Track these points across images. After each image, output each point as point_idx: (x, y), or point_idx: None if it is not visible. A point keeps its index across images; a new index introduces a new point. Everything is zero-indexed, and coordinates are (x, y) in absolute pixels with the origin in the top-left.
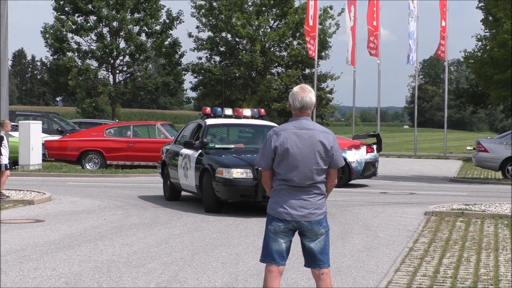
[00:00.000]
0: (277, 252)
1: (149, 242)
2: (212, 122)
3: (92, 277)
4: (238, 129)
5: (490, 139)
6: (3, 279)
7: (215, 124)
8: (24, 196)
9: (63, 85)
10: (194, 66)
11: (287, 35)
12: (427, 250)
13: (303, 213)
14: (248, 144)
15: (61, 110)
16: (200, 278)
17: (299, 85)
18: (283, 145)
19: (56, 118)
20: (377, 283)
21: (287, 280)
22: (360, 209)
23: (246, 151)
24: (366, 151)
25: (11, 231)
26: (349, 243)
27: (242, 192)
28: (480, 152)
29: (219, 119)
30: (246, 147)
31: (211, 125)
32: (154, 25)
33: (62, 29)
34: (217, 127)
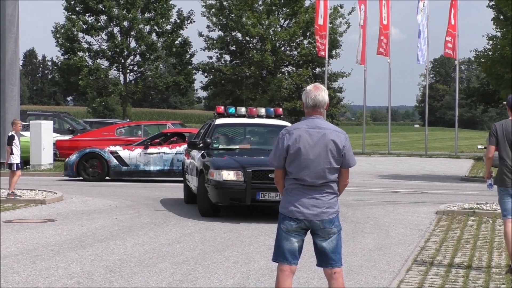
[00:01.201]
0: (290, 251)
1: (160, 241)
2: (221, 121)
3: (104, 277)
4: (248, 129)
5: None
6: (15, 279)
7: (223, 123)
8: (36, 195)
9: (74, 85)
10: (204, 66)
11: (298, 34)
12: (438, 249)
13: (315, 212)
14: (256, 145)
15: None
16: (212, 277)
17: (313, 84)
18: (296, 144)
19: (67, 117)
20: (389, 282)
21: (299, 279)
22: (371, 209)
23: (252, 152)
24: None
25: (23, 230)
26: (361, 242)
27: (231, 195)
28: None
29: (229, 119)
30: (252, 148)
31: (219, 124)
32: (164, 24)
33: (73, 29)
34: (226, 126)
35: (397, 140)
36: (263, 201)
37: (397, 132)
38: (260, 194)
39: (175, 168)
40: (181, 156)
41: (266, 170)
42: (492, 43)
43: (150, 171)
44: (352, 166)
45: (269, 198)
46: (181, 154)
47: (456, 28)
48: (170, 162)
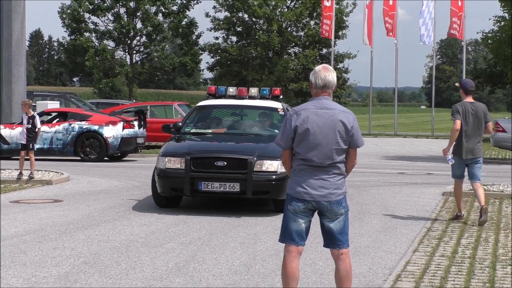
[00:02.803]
0: (297, 232)
1: (167, 222)
2: (204, 103)
3: (110, 257)
4: (230, 111)
5: (508, 119)
6: (22, 259)
7: (205, 105)
8: (43, 176)
9: (80, 66)
10: (210, 47)
11: (304, 15)
12: (445, 231)
13: (323, 193)
14: (234, 129)
15: (78, 90)
16: (218, 258)
17: (321, 65)
18: (304, 125)
19: (74, 98)
20: (395, 263)
21: (305, 260)
22: (377, 190)
23: (224, 137)
24: (123, 127)
25: (30, 211)
26: (367, 223)
27: (171, 185)
28: (498, 133)
29: (212, 100)
30: (228, 132)
31: (200, 106)
32: (171, 5)
33: (79, 9)
34: (208, 108)
35: (404, 121)
36: (206, 191)
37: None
38: (203, 184)
39: (54, 147)
40: (60, 135)
41: (210, 157)
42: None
43: None
44: (360, 147)
45: (212, 189)
46: (60, 133)
47: (463, 9)
48: (49, 140)
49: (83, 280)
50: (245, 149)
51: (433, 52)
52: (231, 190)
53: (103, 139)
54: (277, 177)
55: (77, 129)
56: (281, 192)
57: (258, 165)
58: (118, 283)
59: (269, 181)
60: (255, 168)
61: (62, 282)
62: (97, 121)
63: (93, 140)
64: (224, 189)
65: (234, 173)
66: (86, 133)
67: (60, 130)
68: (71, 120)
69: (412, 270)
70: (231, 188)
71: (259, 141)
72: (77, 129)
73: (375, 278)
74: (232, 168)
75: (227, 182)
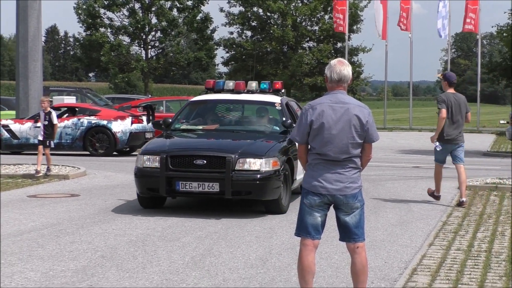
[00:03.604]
0: (312, 226)
1: (183, 216)
2: (198, 98)
3: (127, 251)
4: (225, 107)
5: None
6: (40, 252)
7: (198, 100)
8: (59, 171)
9: (96, 61)
10: (225, 41)
11: (319, 9)
12: (460, 224)
13: (338, 187)
14: (228, 125)
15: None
16: (234, 251)
17: (336, 59)
18: (319, 119)
19: (90, 93)
20: (411, 257)
21: (321, 254)
22: (393, 183)
23: (215, 134)
24: (131, 122)
25: (47, 205)
26: (383, 217)
27: (148, 185)
28: None
29: (207, 95)
30: (220, 129)
31: (194, 101)
32: (185, 0)
33: (94, 5)
34: (202, 103)
35: (419, 115)
36: (184, 192)
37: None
38: (180, 184)
39: (63, 142)
40: (69, 130)
41: (188, 155)
42: None
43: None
44: (375, 141)
45: (190, 189)
46: (69, 127)
47: (478, 2)
48: (58, 135)
49: (100, 274)
50: (227, 146)
51: (448, 45)
52: (210, 190)
53: (112, 134)
54: (261, 176)
55: (86, 124)
56: (265, 192)
57: (239, 164)
58: (135, 277)
59: (251, 180)
60: (237, 166)
61: (79, 275)
62: (105, 116)
63: (101, 135)
64: (203, 189)
65: (213, 172)
66: (95, 128)
67: (69, 125)
68: (80, 115)
69: (428, 264)
70: (210, 188)
71: (251, 137)
72: (86, 124)
73: (390, 271)
74: (211, 167)
75: (206, 182)
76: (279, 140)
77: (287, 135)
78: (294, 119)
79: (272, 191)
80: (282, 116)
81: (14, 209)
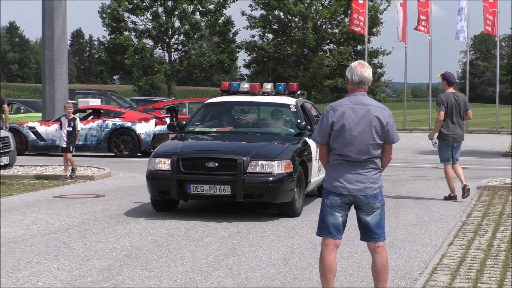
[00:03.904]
0: (334, 226)
1: (206, 216)
2: (212, 100)
3: (152, 250)
4: (239, 109)
5: None
6: (67, 252)
7: (213, 102)
8: (85, 172)
9: (120, 64)
10: (247, 44)
11: (339, 12)
12: (480, 224)
13: (359, 187)
14: (242, 127)
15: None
16: (257, 251)
17: (357, 61)
18: (340, 121)
19: (114, 96)
20: (431, 256)
21: (342, 253)
22: (413, 184)
23: (229, 136)
24: (155, 124)
25: (73, 205)
26: (403, 217)
27: (159, 188)
28: None
29: (221, 97)
30: (234, 131)
31: (208, 103)
32: (208, 4)
33: (118, 9)
34: (216, 106)
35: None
36: (195, 195)
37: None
38: (192, 187)
39: (88, 143)
40: (94, 132)
41: (200, 158)
42: None
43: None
44: (395, 142)
45: (202, 192)
46: (94, 129)
47: (496, 4)
48: (84, 137)
49: (125, 273)
50: (239, 149)
51: (467, 47)
52: (221, 193)
53: (136, 135)
54: (273, 179)
55: (110, 126)
56: (277, 195)
57: (252, 166)
58: (159, 276)
59: (263, 183)
60: (249, 169)
61: (105, 274)
62: (130, 118)
63: (126, 137)
64: (214, 192)
65: (225, 175)
66: (119, 129)
67: (94, 127)
68: (105, 117)
69: (448, 263)
70: (221, 191)
71: (265, 140)
72: (111, 125)
73: (411, 271)
74: (223, 170)
75: (218, 185)
76: (293, 142)
77: (302, 137)
78: (310, 121)
79: (285, 193)
80: (297, 118)
81: (41, 209)
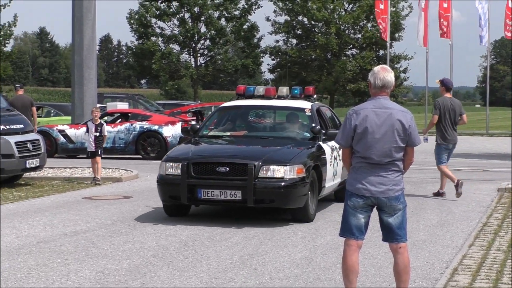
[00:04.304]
0: (356, 227)
1: (231, 217)
2: (226, 104)
3: (178, 250)
4: (254, 113)
5: None
6: (95, 252)
7: (227, 106)
8: (113, 174)
9: (147, 68)
10: (271, 49)
11: (361, 18)
12: (500, 225)
13: (381, 189)
14: (256, 131)
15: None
16: (280, 251)
17: (379, 65)
18: (363, 124)
19: (141, 99)
20: (452, 257)
21: (364, 254)
22: (433, 186)
23: (242, 140)
24: (181, 127)
25: (101, 206)
26: (424, 218)
27: (170, 192)
28: None
29: (236, 101)
30: (248, 135)
31: (223, 107)
32: (233, 10)
33: (146, 15)
34: (231, 109)
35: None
36: (206, 200)
37: None
38: (202, 192)
39: (116, 146)
40: (122, 135)
41: (210, 162)
42: None
43: None
44: (417, 145)
45: (212, 197)
46: (122, 132)
47: None
48: (112, 140)
49: (152, 273)
50: (251, 153)
51: (487, 52)
52: (232, 198)
53: (163, 138)
54: (285, 184)
55: (138, 129)
56: (289, 200)
57: (263, 171)
58: (185, 275)
59: (275, 188)
60: (260, 174)
61: (132, 274)
62: (157, 121)
63: (153, 139)
64: (225, 197)
65: (236, 180)
66: (146, 132)
67: (122, 130)
68: (132, 120)
69: (469, 263)
70: (232, 196)
71: (278, 144)
72: (138, 128)
73: (432, 271)
74: (234, 174)
75: (228, 190)
76: (307, 147)
77: (316, 141)
78: (326, 125)
79: (297, 199)
80: (312, 122)
81: (70, 210)
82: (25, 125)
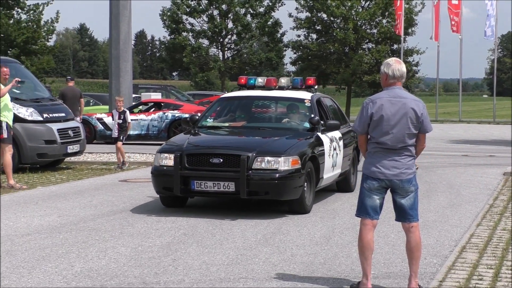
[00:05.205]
0: (371, 208)
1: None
2: (226, 95)
3: (206, 229)
4: (254, 103)
5: None
6: (130, 230)
7: (228, 97)
8: (147, 158)
9: (179, 61)
10: (293, 43)
11: (377, 14)
12: (506, 207)
13: (395, 172)
14: (255, 122)
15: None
16: (301, 230)
17: (392, 58)
18: (379, 112)
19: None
20: (461, 236)
21: (379, 232)
22: (443, 170)
23: (240, 131)
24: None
25: (136, 189)
26: (434, 200)
27: (163, 184)
28: None
29: (236, 92)
30: (246, 126)
31: (223, 98)
32: (258, 7)
33: (178, 12)
34: (231, 100)
35: (467, 109)
36: (199, 191)
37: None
38: (195, 183)
39: (150, 133)
40: (156, 122)
41: (204, 154)
42: None
43: (130, 135)
44: (429, 132)
45: (206, 189)
46: (156, 120)
47: None
48: (146, 127)
49: (183, 250)
50: (245, 144)
51: (495, 46)
52: (225, 190)
53: None
54: (280, 175)
55: (170, 117)
56: (283, 192)
57: (257, 162)
58: (213, 252)
59: (269, 180)
60: (254, 165)
61: (164, 250)
62: (187, 110)
63: (184, 127)
64: (218, 188)
65: (229, 171)
66: (178, 120)
67: (155, 118)
68: (165, 109)
69: (476, 242)
70: (225, 187)
71: (276, 135)
72: (170, 117)
73: (442, 249)
74: (228, 166)
75: (222, 181)
76: (305, 137)
77: (315, 132)
78: (327, 115)
79: (292, 190)
80: (311, 113)
81: (108, 192)
82: (66, 113)
